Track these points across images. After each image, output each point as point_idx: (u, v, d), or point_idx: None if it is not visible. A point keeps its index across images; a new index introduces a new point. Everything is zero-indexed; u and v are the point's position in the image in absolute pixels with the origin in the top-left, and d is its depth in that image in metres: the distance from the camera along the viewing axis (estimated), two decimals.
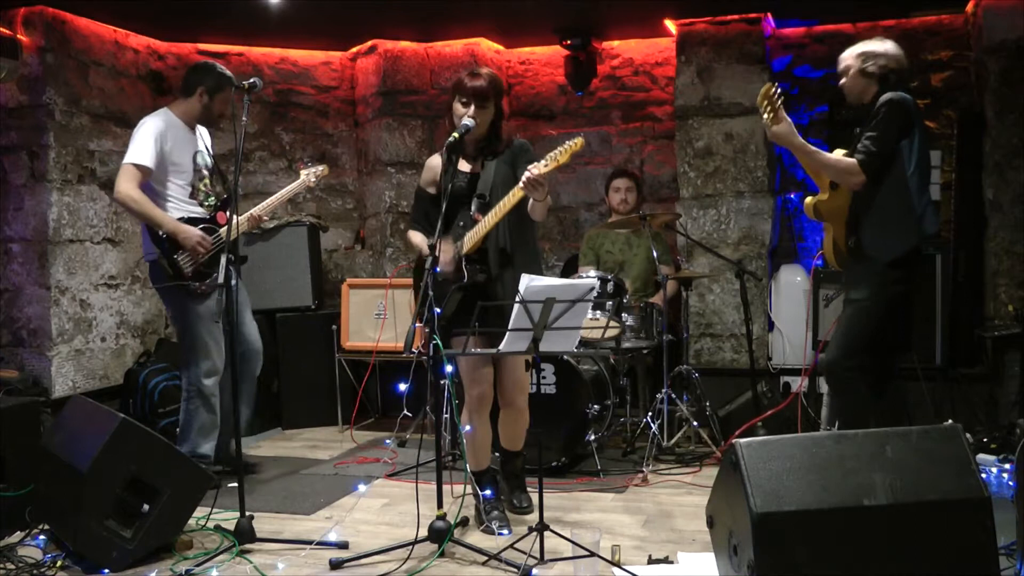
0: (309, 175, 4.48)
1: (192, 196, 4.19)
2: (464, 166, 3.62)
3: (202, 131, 4.36)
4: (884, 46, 3.59)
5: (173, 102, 4.30)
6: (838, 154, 3.61)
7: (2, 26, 4.90)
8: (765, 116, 3.48)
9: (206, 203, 4.23)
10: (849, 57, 3.63)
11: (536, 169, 3.22)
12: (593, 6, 5.24)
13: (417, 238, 3.69)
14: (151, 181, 4.08)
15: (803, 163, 3.70)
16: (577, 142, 3.22)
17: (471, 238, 3.48)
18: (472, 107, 3.48)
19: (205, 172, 4.26)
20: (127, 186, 3.98)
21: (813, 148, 3.54)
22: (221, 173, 4.40)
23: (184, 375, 4.23)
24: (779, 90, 3.47)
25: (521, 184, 3.26)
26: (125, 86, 5.51)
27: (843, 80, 3.67)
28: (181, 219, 4.09)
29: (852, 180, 3.48)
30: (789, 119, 3.50)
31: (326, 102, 6.26)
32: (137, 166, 4.00)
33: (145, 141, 4.02)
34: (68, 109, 5.09)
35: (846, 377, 3.53)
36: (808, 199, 3.81)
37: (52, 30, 4.99)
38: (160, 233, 4.04)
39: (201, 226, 4.13)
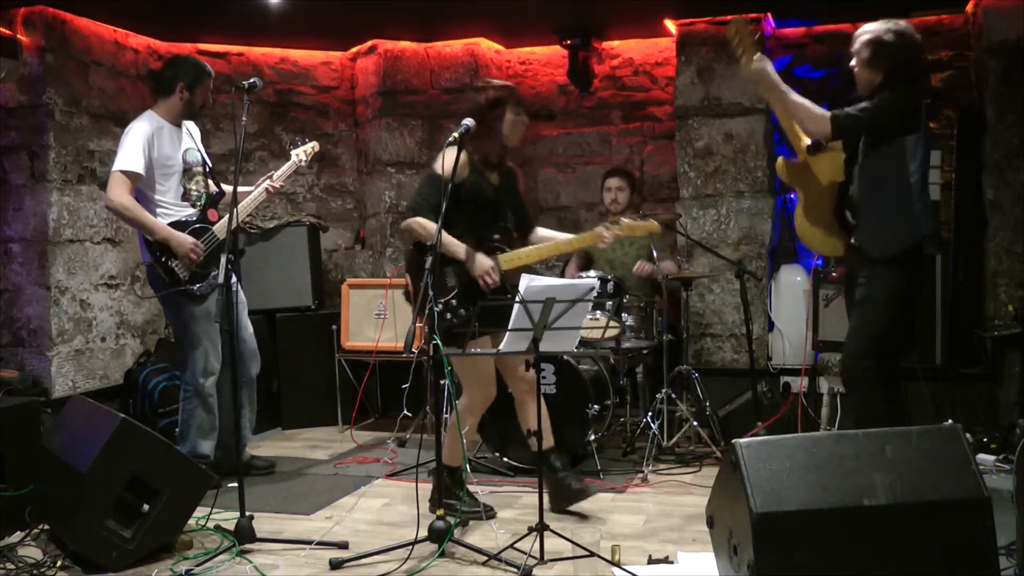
0: (299, 154, 4.40)
1: (184, 197, 4.16)
2: (490, 176, 3.73)
3: (190, 126, 4.33)
4: (898, 36, 3.45)
5: (155, 103, 4.25)
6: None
7: (2, 26, 4.90)
8: (739, 54, 3.42)
9: (198, 203, 4.20)
10: (859, 44, 3.51)
11: (608, 235, 3.66)
12: (593, 6, 5.24)
13: (448, 237, 3.54)
14: (142, 186, 4.05)
15: (777, 112, 3.60)
16: (654, 225, 3.75)
17: (512, 259, 3.62)
18: (526, 121, 3.71)
19: (197, 170, 4.23)
20: (118, 193, 3.96)
21: (787, 89, 3.44)
22: (212, 169, 4.37)
23: (181, 376, 4.24)
24: (753, 26, 3.40)
25: (603, 237, 3.65)
26: (125, 86, 5.51)
27: (852, 65, 3.57)
28: (174, 223, 4.07)
29: (817, 129, 3.41)
30: (766, 58, 3.43)
31: (326, 102, 6.26)
32: (126, 173, 3.98)
33: (133, 147, 3.99)
34: (68, 109, 5.09)
35: (863, 377, 3.49)
36: (780, 159, 3.75)
37: (52, 30, 4.99)
38: (152, 240, 4.03)
39: (193, 227, 4.10)
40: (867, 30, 3.52)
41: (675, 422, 4.84)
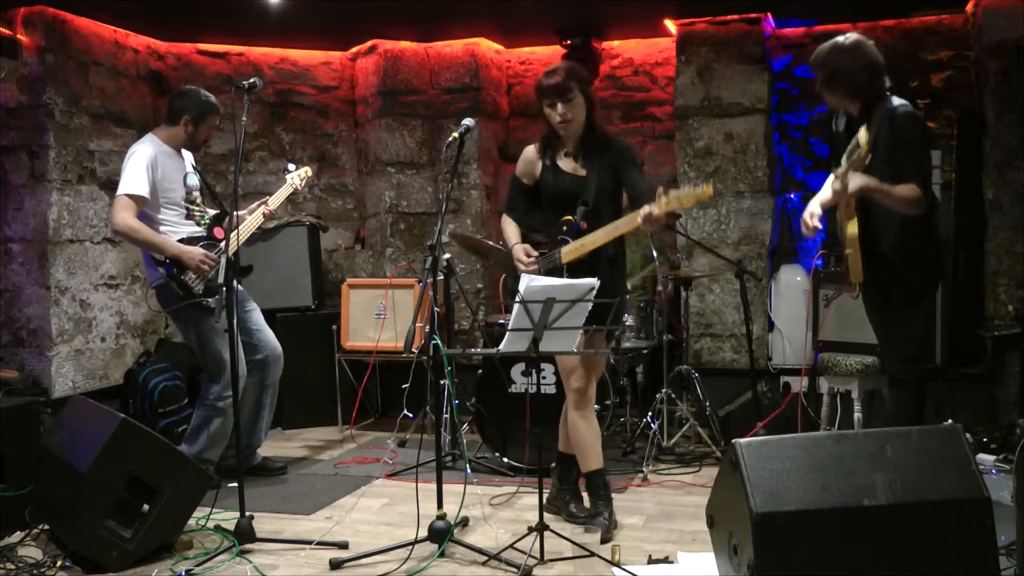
0: (293, 178, 4.50)
1: (188, 218, 4.20)
2: (566, 165, 3.53)
3: (185, 152, 4.36)
4: (846, 55, 3.41)
5: (157, 128, 4.29)
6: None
7: (2, 26, 4.90)
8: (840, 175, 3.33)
9: (202, 222, 4.25)
10: (816, 68, 3.51)
11: (657, 209, 3.16)
12: (593, 6, 5.24)
13: (510, 229, 3.62)
14: (146, 208, 4.07)
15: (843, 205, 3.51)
16: (706, 191, 3.16)
17: (574, 250, 3.40)
18: (559, 105, 3.40)
19: (196, 194, 4.27)
20: (124, 216, 3.97)
21: (888, 187, 3.37)
22: (211, 190, 4.42)
23: (205, 387, 4.24)
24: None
25: (640, 219, 3.20)
26: (125, 86, 5.51)
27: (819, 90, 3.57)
28: (182, 240, 4.10)
29: (919, 208, 3.36)
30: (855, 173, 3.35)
31: (326, 102, 6.26)
32: (132, 196, 3.99)
33: (137, 170, 4.01)
34: (68, 109, 5.09)
35: (918, 379, 3.51)
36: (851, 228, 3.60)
37: (52, 30, 4.99)
38: (161, 259, 4.04)
39: (201, 244, 4.12)
40: (820, 54, 3.49)
41: (675, 422, 4.84)
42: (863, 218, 3.49)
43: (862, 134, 3.22)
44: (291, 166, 4.56)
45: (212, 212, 4.32)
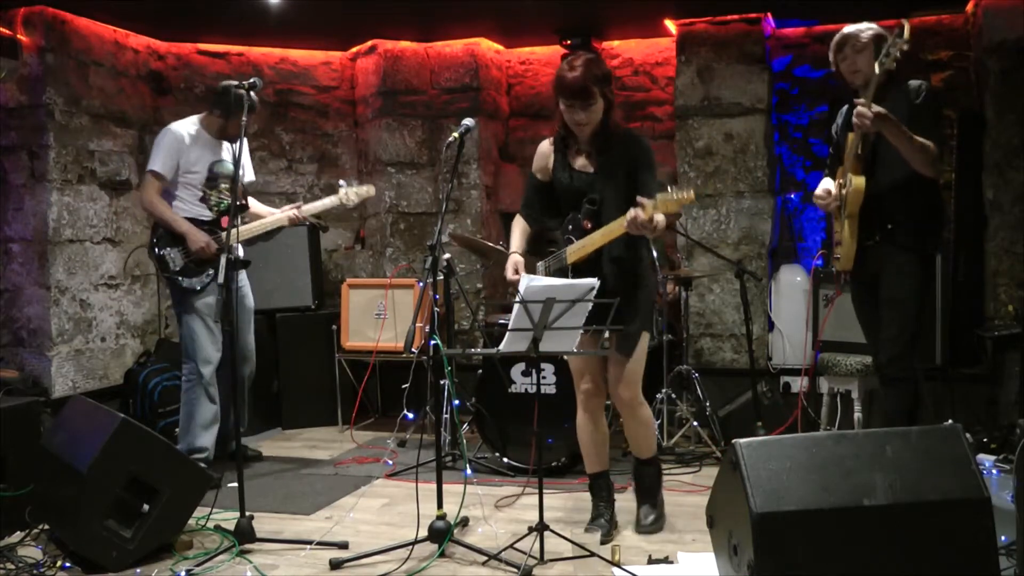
0: (347, 192, 4.59)
1: (202, 200, 4.39)
2: (578, 161, 3.44)
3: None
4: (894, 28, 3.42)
5: (205, 112, 4.46)
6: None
7: (2, 26, 4.90)
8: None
9: (216, 208, 4.40)
10: (866, 37, 3.47)
11: (643, 214, 3.06)
12: (593, 6, 5.24)
13: (515, 234, 3.56)
14: (167, 186, 4.34)
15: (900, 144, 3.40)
16: (688, 196, 3.06)
17: (577, 251, 3.37)
18: (580, 113, 3.28)
19: (223, 182, 4.41)
20: (149, 195, 4.32)
21: (907, 131, 3.32)
22: (245, 187, 4.51)
23: (184, 365, 4.39)
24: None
25: (626, 223, 3.11)
26: (125, 86, 5.51)
27: (855, 57, 3.50)
28: (186, 219, 4.32)
29: (935, 169, 3.35)
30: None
31: (326, 102, 6.26)
32: (155, 174, 4.31)
33: (164, 152, 4.31)
34: (68, 109, 5.09)
35: (908, 376, 3.49)
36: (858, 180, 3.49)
37: (52, 30, 4.99)
38: (158, 232, 4.32)
39: (205, 228, 4.33)
40: (872, 26, 3.53)
41: (675, 422, 4.84)
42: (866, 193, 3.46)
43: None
44: (353, 180, 4.76)
45: (239, 202, 4.41)
